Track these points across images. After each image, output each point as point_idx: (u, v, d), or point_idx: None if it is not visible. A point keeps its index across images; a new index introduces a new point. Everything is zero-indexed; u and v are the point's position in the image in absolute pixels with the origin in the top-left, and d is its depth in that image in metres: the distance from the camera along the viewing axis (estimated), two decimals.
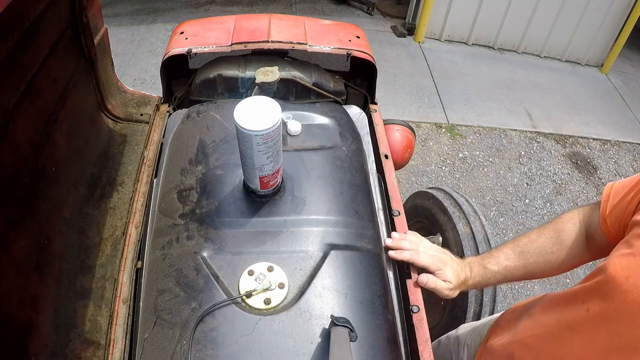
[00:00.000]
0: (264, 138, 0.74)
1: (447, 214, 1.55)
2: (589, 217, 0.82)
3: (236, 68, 1.26)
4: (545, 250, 0.85)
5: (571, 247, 0.83)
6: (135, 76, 3.24)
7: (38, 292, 0.79)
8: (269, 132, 0.73)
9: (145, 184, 1.06)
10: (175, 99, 1.33)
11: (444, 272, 0.89)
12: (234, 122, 0.74)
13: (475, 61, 3.71)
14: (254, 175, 0.83)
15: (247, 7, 4.21)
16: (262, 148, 0.76)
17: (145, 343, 0.76)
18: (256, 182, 0.85)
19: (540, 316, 0.80)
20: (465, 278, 0.90)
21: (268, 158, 0.79)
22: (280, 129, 0.77)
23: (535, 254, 0.85)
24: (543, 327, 0.78)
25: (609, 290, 0.62)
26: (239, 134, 0.75)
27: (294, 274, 0.81)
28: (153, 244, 0.89)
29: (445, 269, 0.90)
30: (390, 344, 0.79)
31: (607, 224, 0.75)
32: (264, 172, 0.82)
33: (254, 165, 0.80)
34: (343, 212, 0.91)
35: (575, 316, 0.69)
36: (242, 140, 0.76)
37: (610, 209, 0.75)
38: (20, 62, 0.78)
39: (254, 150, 0.76)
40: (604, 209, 0.77)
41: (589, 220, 0.82)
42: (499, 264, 0.88)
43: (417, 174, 2.74)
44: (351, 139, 1.07)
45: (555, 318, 0.75)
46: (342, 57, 1.29)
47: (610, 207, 0.75)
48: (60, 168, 0.93)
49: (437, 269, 0.89)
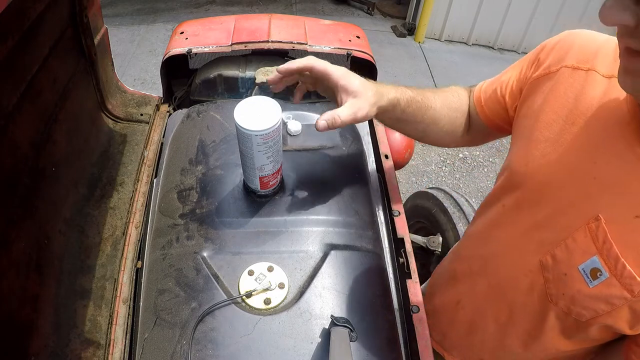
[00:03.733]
0: (264, 138, 0.74)
1: (447, 214, 1.55)
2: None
3: (236, 68, 1.26)
4: (450, 100, 0.84)
5: (465, 112, 0.85)
6: (135, 76, 3.24)
7: (38, 292, 0.79)
8: (269, 132, 0.73)
9: (146, 184, 1.06)
10: (175, 99, 1.33)
11: (350, 80, 0.74)
12: (234, 122, 0.74)
13: (475, 61, 3.71)
14: (254, 175, 0.83)
15: (247, 7, 4.22)
16: (262, 148, 0.76)
17: (145, 343, 0.76)
18: (256, 182, 0.85)
19: (471, 229, 0.88)
20: (378, 90, 0.76)
21: (268, 158, 0.79)
22: (281, 129, 0.77)
23: (441, 101, 0.83)
24: (473, 237, 0.86)
25: (515, 181, 0.69)
26: (239, 134, 0.75)
27: (294, 274, 0.81)
28: (153, 244, 0.90)
29: (350, 77, 0.75)
30: (390, 344, 0.79)
31: (481, 103, 0.81)
32: (264, 172, 0.82)
33: (254, 165, 0.80)
34: (343, 212, 0.91)
35: (495, 214, 0.76)
36: (242, 140, 0.76)
37: (485, 88, 0.81)
38: (20, 62, 0.78)
39: (254, 150, 0.76)
40: (478, 89, 0.83)
41: (470, 98, 0.86)
42: (413, 91, 0.80)
43: (417, 174, 2.74)
44: (351, 139, 1.07)
45: (481, 224, 0.82)
46: (342, 57, 1.29)
47: (484, 88, 0.82)
48: (60, 168, 0.93)
49: (341, 76, 0.74)
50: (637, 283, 0.55)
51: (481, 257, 0.80)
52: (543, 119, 0.66)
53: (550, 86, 0.66)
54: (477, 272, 0.81)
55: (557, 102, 0.64)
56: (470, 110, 0.85)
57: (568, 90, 0.63)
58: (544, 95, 0.67)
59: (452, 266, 0.92)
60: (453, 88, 0.87)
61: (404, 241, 0.95)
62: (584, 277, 0.60)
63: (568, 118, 0.62)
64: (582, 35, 0.67)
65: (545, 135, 0.65)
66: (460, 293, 0.87)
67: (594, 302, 0.60)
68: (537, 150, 0.65)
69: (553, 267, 0.64)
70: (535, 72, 0.70)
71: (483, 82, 0.84)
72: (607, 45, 0.63)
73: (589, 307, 0.61)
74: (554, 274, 0.64)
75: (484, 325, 0.81)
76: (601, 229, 0.57)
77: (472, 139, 0.89)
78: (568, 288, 0.62)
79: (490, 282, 0.78)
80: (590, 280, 0.59)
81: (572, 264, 0.61)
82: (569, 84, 0.64)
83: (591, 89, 0.61)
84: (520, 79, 0.73)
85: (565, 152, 0.62)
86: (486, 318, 0.80)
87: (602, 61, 0.62)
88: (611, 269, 0.56)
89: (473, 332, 0.84)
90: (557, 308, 0.66)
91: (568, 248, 0.61)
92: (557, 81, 0.65)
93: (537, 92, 0.68)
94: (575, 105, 0.62)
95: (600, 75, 0.61)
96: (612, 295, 0.57)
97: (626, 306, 0.57)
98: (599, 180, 0.58)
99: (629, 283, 0.55)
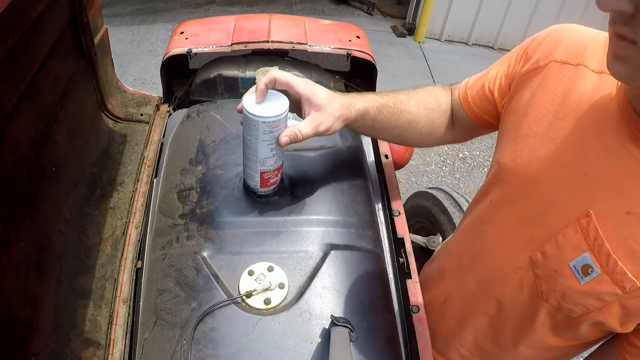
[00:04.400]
0: (270, 126, 0.73)
1: (447, 214, 1.55)
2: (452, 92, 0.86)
3: (236, 68, 1.26)
4: (426, 101, 0.83)
5: (445, 111, 0.84)
6: (135, 76, 3.24)
7: (38, 292, 0.79)
8: (275, 121, 0.73)
9: (145, 184, 1.06)
10: (175, 99, 1.33)
11: (314, 92, 0.72)
12: (242, 109, 0.73)
13: (475, 61, 3.71)
14: (255, 169, 0.82)
15: (247, 7, 4.22)
16: (267, 137, 0.75)
17: (145, 343, 0.76)
18: (257, 178, 0.84)
19: (460, 225, 0.88)
20: (345, 102, 0.74)
21: (272, 150, 0.78)
22: (287, 121, 0.76)
23: (416, 103, 0.82)
24: (462, 232, 0.86)
25: (503, 177, 0.69)
26: (245, 122, 0.75)
27: (294, 274, 0.81)
28: (153, 244, 0.90)
29: (315, 89, 0.73)
30: (390, 344, 0.79)
31: (468, 99, 0.80)
32: (265, 166, 0.81)
33: (257, 157, 0.79)
34: (343, 212, 0.91)
35: (482, 209, 0.76)
36: (248, 127, 0.75)
37: (471, 84, 0.81)
38: (20, 62, 0.78)
39: (259, 139, 0.75)
40: (464, 85, 0.83)
41: (454, 95, 0.85)
42: (383, 97, 0.79)
43: (417, 174, 2.75)
44: (351, 138, 1.07)
45: (470, 219, 0.82)
46: (342, 57, 1.29)
47: (471, 84, 0.81)
48: (60, 168, 0.93)
49: (304, 88, 0.73)
50: (629, 279, 0.55)
51: (470, 253, 0.80)
52: (532, 113, 0.65)
53: (539, 81, 0.66)
54: (465, 269, 0.81)
55: (546, 97, 0.64)
56: (454, 107, 0.85)
57: (557, 85, 0.63)
58: (533, 90, 0.66)
59: (440, 263, 0.92)
60: (430, 88, 0.86)
61: (404, 241, 0.95)
62: (575, 273, 0.60)
63: (558, 113, 0.62)
64: (571, 30, 0.67)
65: (534, 131, 0.64)
66: (448, 290, 0.87)
67: (585, 298, 0.60)
68: (525, 145, 0.65)
69: (543, 263, 0.64)
70: (524, 67, 0.69)
71: (468, 79, 0.83)
72: (596, 40, 0.62)
73: (580, 303, 0.61)
74: (544, 270, 0.64)
75: (473, 321, 0.81)
76: (592, 225, 0.57)
77: (455, 136, 0.88)
78: (559, 284, 0.62)
79: (479, 279, 0.77)
80: (581, 277, 0.59)
81: (562, 260, 0.61)
82: (558, 78, 0.63)
83: (581, 84, 0.61)
84: (508, 74, 0.73)
85: (556, 148, 0.61)
86: (475, 314, 0.80)
87: (591, 56, 0.61)
88: (602, 266, 0.56)
89: (462, 329, 0.84)
90: (547, 304, 0.65)
91: (558, 244, 0.61)
92: (546, 76, 0.65)
93: (525, 87, 0.68)
94: (564, 100, 0.62)
95: (590, 71, 0.61)
96: (603, 291, 0.57)
97: (617, 302, 0.57)
98: (590, 176, 0.58)
99: (621, 279, 0.55)
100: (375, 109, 0.77)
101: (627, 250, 0.55)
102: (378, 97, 0.79)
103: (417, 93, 0.84)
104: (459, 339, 0.86)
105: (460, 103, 0.82)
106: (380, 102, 0.78)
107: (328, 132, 0.75)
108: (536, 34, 0.71)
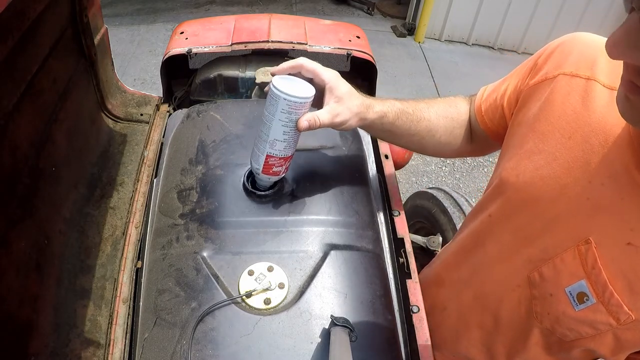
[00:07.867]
0: (290, 106, 0.72)
1: (447, 214, 1.55)
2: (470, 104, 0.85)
3: (236, 68, 1.27)
4: (446, 111, 0.83)
5: (464, 122, 0.84)
6: (135, 76, 3.24)
7: (38, 292, 0.79)
8: (296, 102, 0.72)
9: (145, 184, 1.06)
10: (175, 99, 1.33)
11: (338, 84, 0.74)
12: (270, 83, 0.73)
13: (475, 61, 3.71)
14: (263, 149, 0.80)
15: (247, 7, 4.22)
16: (283, 117, 0.74)
17: (145, 343, 0.76)
18: (261, 160, 0.81)
19: (459, 236, 0.86)
20: (365, 102, 0.76)
21: (284, 134, 0.76)
22: (307, 110, 0.75)
23: (436, 112, 0.82)
24: (460, 243, 0.84)
25: (505, 192, 0.67)
26: (268, 97, 0.74)
27: (294, 274, 0.81)
28: (153, 244, 0.90)
29: (339, 81, 0.75)
30: (390, 344, 0.79)
31: (482, 112, 0.79)
32: (274, 149, 0.79)
33: (268, 136, 0.77)
34: (343, 212, 0.91)
35: (481, 224, 0.75)
36: (268, 102, 0.75)
37: (486, 97, 0.80)
38: (20, 62, 0.78)
39: (276, 117, 0.74)
40: (479, 97, 0.81)
41: (471, 107, 0.84)
42: (403, 104, 0.80)
43: (417, 174, 2.75)
44: (351, 139, 1.07)
45: (468, 232, 0.80)
46: (342, 57, 1.29)
47: (485, 97, 0.80)
48: (60, 168, 0.93)
49: (330, 78, 0.74)
50: (624, 312, 0.54)
51: (467, 266, 0.79)
52: (538, 128, 0.63)
53: (547, 94, 0.63)
54: (464, 281, 0.80)
55: (554, 112, 0.62)
56: (471, 119, 0.83)
57: (565, 100, 0.61)
58: (540, 104, 0.64)
59: (438, 270, 0.91)
60: (451, 98, 0.85)
61: (404, 241, 0.95)
62: (570, 299, 0.59)
63: (565, 131, 0.60)
64: (584, 40, 0.64)
65: (539, 148, 0.62)
66: (446, 299, 0.86)
67: (579, 325, 0.59)
68: (530, 162, 0.63)
69: (540, 284, 0.63)
70: (533, 79, 0.67)
71: (484, 89, 0.82)
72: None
73: (573, 329, 0.60)
74: (540, 292, 0.63)
75: (468, 334, 0.80)
76: (591, 253, 0.56)
77: (474, 149, 0.87)
78: (553, 309, 0.61)
79: (476, 293, 0.77)
80: (576, 304, 0.58)
81: (558, 285, 0.60)
82: (567, 92, 0.61)
83: (591, 101, 0.58)
84: (517, 87, 0.71)
85: (560, 168, 0.59)
86: (470, 327, 0.79)
87: (602, 69, 0.59)
88: (598, 295, 0.55)
89: (459, 339, 0.83)
90: (541, 326, 0.65)
91: (556, 268, 0.60)
92: (554, 89, 0.63)
93: (533, 99, 0.66)
94: (573, 118, 0.59)
95: (601, 85, 0.58)
96: (597, 320, 0.57)
97: (610, 332, 0.57)
98: (592, 201, 0.56)
99: (616, 311, 0.54)
100: (394, 114, 0.77)
101: (624, 282, 0.54)
102: (397, 103, 0.79)
103: (437, 102, 0.83)
104: (455, 347, 0.85)
105: (475, 115, 0.80)
106: (400, 108, 0.78)
107: (343, 126, 0.75)
108: (549, 44, 0.68)
